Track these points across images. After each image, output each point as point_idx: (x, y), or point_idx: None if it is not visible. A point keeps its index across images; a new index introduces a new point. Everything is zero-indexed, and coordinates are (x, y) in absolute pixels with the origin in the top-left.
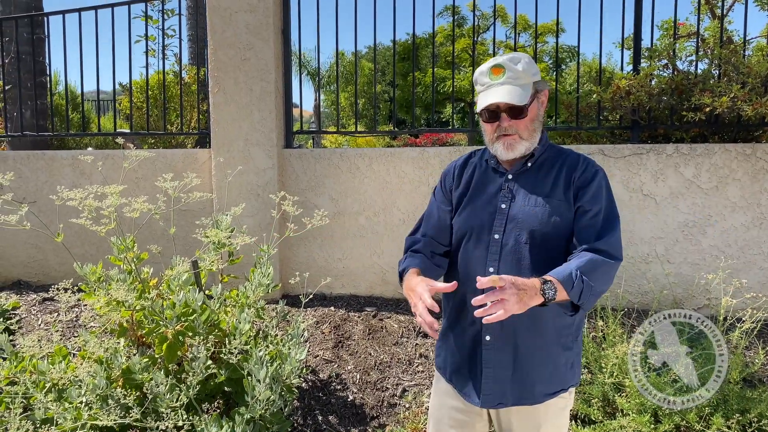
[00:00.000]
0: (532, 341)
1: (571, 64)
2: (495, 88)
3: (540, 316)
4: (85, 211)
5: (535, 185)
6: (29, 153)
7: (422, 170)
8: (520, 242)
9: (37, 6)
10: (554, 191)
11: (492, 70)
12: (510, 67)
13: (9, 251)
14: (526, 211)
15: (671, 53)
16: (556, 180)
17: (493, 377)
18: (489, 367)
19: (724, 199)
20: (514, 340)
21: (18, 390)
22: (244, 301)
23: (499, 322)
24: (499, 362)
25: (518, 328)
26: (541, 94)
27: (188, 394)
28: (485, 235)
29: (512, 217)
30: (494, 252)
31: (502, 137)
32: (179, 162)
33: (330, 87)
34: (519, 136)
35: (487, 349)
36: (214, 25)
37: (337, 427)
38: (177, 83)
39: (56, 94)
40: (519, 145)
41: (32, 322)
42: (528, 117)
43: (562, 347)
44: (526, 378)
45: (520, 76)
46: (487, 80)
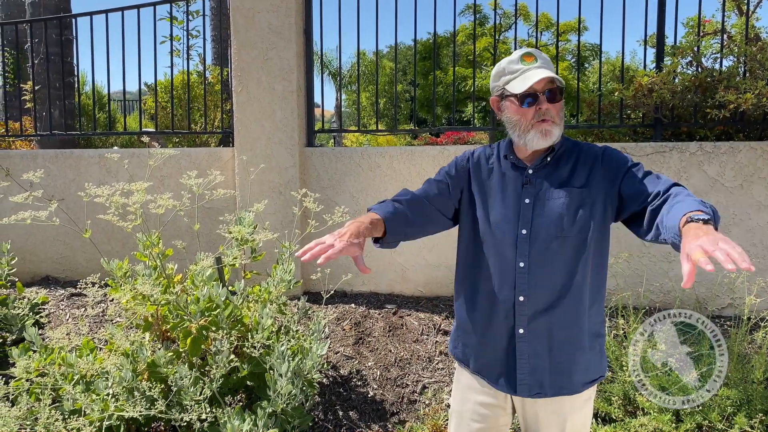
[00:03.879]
0: (568, 332)
1: (594, 63)
2: (533, 70)
3: (574, 308)
4: (112, 208)
5: (557, 178)
6: (57, 152)
7: None
8: (550, 235)
9: (65, 8)
10: (575, 181)
11: (524, 57)
12: (540, 55)
13: (38, 247)
14: (550, 204)
15: (695, 50)
16: (576, 171)
17: (529, 368)
18: (524, 359)
19: (749, 197)
20: (549, 332)
21: (47, 381)
22: (267, 297)
23: (532, 316)
24: (534, 353)
25: (553, 322)
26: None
27: (212, 387)
28: (511, 230)
29: (538, 211)
30: (523, 247)
31: (540, 123)
32: (203, 160)
33: (351, 87)
34: (553, 121)
35: (521, 342)
36: (237, 25)
37: (358, 422)
38: (201, 83)
39: (83, 94)
40: (554, 131)
41: (61, 317)
42: (559, 104)
43: (593, 335)
44: (563, 368)
45: (549, 64)
46: (520, 66)
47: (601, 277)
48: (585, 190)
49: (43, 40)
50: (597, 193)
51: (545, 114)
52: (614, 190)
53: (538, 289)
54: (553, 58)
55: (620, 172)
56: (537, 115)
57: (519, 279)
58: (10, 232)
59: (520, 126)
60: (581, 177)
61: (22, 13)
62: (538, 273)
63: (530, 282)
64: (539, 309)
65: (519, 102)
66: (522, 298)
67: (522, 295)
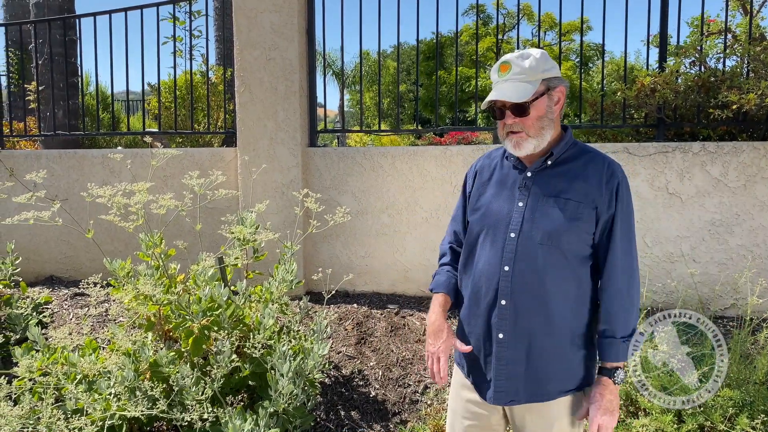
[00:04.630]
0: (547, 340)
1: (598, 63)
2: (499, 85)
3: (555, 317)
4: (114, 208)
5: (554, 185)
6: (61, 152)
7: (445, 168)
8: (535, 242)
9: (69, 8)
10: (572, 193)
11: (500, 67)
12: (517, 63)
13: (42, 247)
14: (542, 210)
15: (699, 50)
16: (575, 182)
17: (506, 374)
18: (502, 364)
19: (752, 197)
20: (528, 339)
21: (50, 381)
22: (268, 297)
23: (513, 321)
24: (512, 359)
25: (533, 328)
26: (554, 90)
27: (213, 387)
28: (502, 233)
29: (528, 216)
30: (510, 251)
31: (510, 134)
32: (206, 160)
33: (354, 87)
34: (526, 133)
35: (500, 347)
36: (239, 26)
37: (359, 422)
38: (204, 83)
39: (87, 94)
40: (526, 143)
41: (64, 316)
42: (533, 114)
43: (576, 347)
44: (540, 375)
45: (526, 72)
46: (495, 77)
47: (586, 289)
48: (579, 201)
49: (47, 41)
50: (589, 211)
51: (512, 127)
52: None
53: (521, 294)
54: (556, 58)
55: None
56: (506, 127)
57: (502, 282)
58: (14, 233)
59: (499, 133)
60: (579, 190)
61: (27, 14)
62: (520, 278)
63: (513, 287)
64: (520, 315)
65: (491, 113)
66: (504, 302)
67: (504, 299)
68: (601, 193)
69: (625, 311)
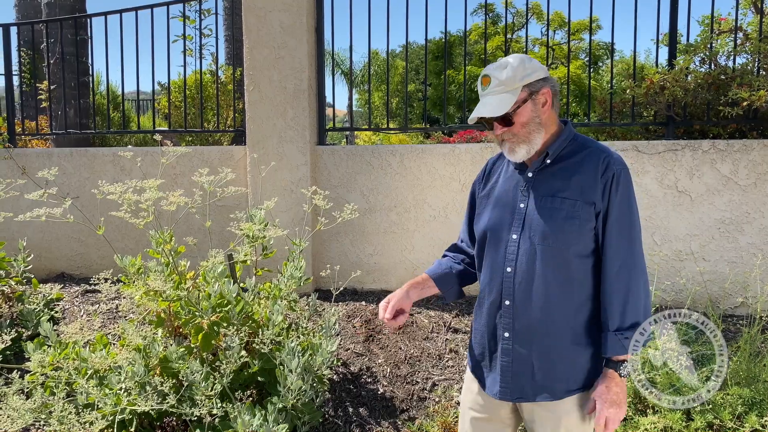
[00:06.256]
0: (551, 339)
1: (608, 62)
2: (483, 99)
3: (557, 316)
4: (125, 205)
5: (552, 184)
6: (72, 150)
7: (453, 167)
8: (534, 243)
9: (80, 8)
10: (570, 191)
11: (482, 80)
12: (494, 75)
13: (54, 245)
14: (540, 210)
15: (709, 48)
16: (573, 179)
17: (511, 372)
18: (507, 363)
19: (763, 195)
20: (531, 338)
21: (61, 376)
22: (277, 294)
23: (517, 321)
24: (517, 358)
25: (536, 327)
26: (538, 94)
27: (222, 382)
28: (505, 234)
29: (529, 217)
30: (511, 252)
31: (503, 142)
32: (215, 158)
33: (363, 86)
34: (516, 140)
35: (505, 346)
36: (249, 25)
37: (368, 419)
38: (214, 82)
39: (98, 93)
40: (518, 149)
41: (75, 313)
42: (518, 122)
43: (581, 346)
44: (545, 375)
45: (504, 83)
46: (479, 90)
47: (589, 288)
48: (576, 199)
49: (59, 40)
50: (587, 207)
51: (502, 136)
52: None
53: (523, 295)
54: (566, 56)
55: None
56: (498, 135)
57: (505, 283)
58: (26, 230)
59: (496, 141)
60: (576, 187)
61: (39, 14)
62: (522, 279)
63: (516, 287)
64: (523, 315)
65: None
66: (508, 302)
67: (508, 299)
68: (597, 186)
69: (622, 305)
